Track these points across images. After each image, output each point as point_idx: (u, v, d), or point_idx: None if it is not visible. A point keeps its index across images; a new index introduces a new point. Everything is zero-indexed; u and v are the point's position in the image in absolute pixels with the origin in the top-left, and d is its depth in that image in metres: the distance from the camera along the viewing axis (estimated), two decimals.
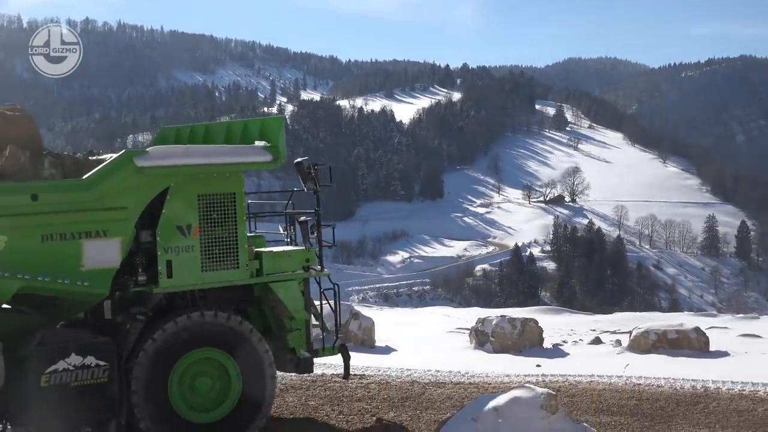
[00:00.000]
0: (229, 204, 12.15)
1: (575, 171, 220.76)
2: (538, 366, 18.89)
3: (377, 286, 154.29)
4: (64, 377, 11.06)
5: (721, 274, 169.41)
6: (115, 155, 11.72)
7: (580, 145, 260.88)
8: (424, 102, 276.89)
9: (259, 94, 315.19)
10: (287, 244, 14.13)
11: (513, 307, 57.37)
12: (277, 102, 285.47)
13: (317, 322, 14.02)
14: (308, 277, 13.39)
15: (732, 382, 16.45)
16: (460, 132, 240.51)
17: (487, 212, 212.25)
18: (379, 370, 17.71)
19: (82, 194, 11.19)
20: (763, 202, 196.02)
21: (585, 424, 9.79)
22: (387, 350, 21.45)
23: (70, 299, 11.66)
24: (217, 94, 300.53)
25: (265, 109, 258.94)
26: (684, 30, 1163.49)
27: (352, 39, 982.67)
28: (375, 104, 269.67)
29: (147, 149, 11.89)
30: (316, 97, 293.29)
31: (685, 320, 26.82)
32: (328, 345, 13.83)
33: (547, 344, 22.26)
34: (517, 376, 17.08)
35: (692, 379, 16.72)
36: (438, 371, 17.64)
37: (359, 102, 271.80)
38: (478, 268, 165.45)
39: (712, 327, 25.84)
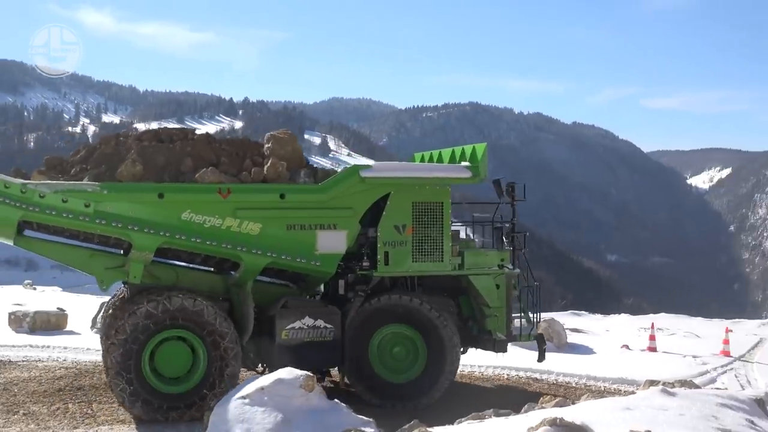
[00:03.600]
0: (437, 210, 13.17)
1: None
2: None
3: None
4: (299, 334, 12.56)
5: None
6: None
7: (339, 169, 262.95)
8: (211, 128, 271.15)
9: (64, 115, 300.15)
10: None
11: None
12: (81, 123, 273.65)
13: (521, 314, 14.45)
14: (501, 273, 13.75)
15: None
16: None
17: None
18: None
19: (319, 196, 12.66)
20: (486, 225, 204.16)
21: (336, 400, 9.86)
22: None
23: (311, 276, 13.16)
24: (25, 113, 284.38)
25: (69, 128, 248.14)
26: (425, 79, 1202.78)
27: (149, 71, 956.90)
28: None
29: (371, 164, 13.30)
30: (117, 120, 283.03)
31: None
32: (524, 333, 14.30)
33: None
34: None
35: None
36: None
37: (154, 126, 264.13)
38: None
39: None
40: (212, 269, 13.54)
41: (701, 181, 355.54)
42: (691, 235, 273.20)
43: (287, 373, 9.53)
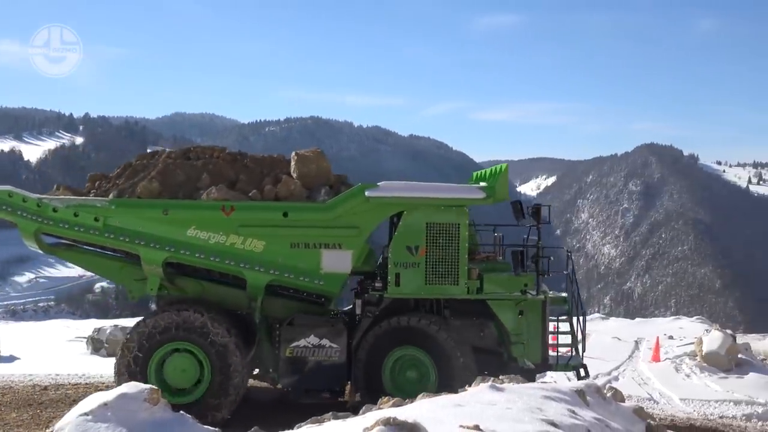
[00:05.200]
0: (453, 232, 12.27)
1: None
2: None
3: (5, 303, 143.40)
4: (303, 352, 12.19)
5: None
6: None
7: None
8: (50, 144, 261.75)
9: None
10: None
11: (128, 317, 55.52)
12: None
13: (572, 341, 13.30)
14: (524, 299, 12.57)
15: None
16: (82, 170, 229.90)
17: None
18: (3, 377, 16.47)
19: (323, 215, 12.17)
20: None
21: (182, 412, 9.67)
22: (11, 359, 19.90)
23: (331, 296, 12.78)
24: None
25: None
26: (267, 94, 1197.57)
27: None
28: (4, 145, 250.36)
29: (378, 183, 12.45)
30: None
31: None
32: (561, 362, 13.19)
33: None
34: None
35: None
36: (58, 375, 16.71)
37: None
38: (98, 285, 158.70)
39: None
40: (237, 284, 13.14)
41: (530, 188, 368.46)
42: (521, 239, 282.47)
43: (131, 387, 9.29)
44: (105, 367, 18.11)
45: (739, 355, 18.90)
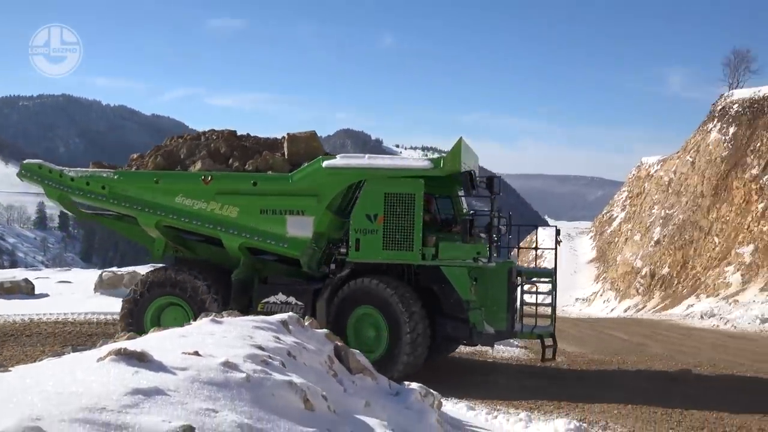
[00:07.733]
0: (409, 202, 11.12)
1: None
2: None
3: None
4: (273, 308, 11.22)
5: (48, 242, 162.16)
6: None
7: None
8: None
9: None
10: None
11: None
12: None
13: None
14: (475, 266, 11.17)
15: (51, 314, 16.13)
16: None
17: None
18: None
19: (287, 184, 11.45)
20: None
21: None
22: None
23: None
24: None
25: None
26: (21, 70, 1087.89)
27: None
28: None
29: (336, 155, 11.59)
30: None
31: (18, 274, 25.60)
32: (526, 330, 11.97)
33: None
34: None
35: (22, 314, 15.99)
36: None
37: None
38: None
39: (38, 278, 24.83)
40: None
41: None
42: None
43: None
44: None
45: None
